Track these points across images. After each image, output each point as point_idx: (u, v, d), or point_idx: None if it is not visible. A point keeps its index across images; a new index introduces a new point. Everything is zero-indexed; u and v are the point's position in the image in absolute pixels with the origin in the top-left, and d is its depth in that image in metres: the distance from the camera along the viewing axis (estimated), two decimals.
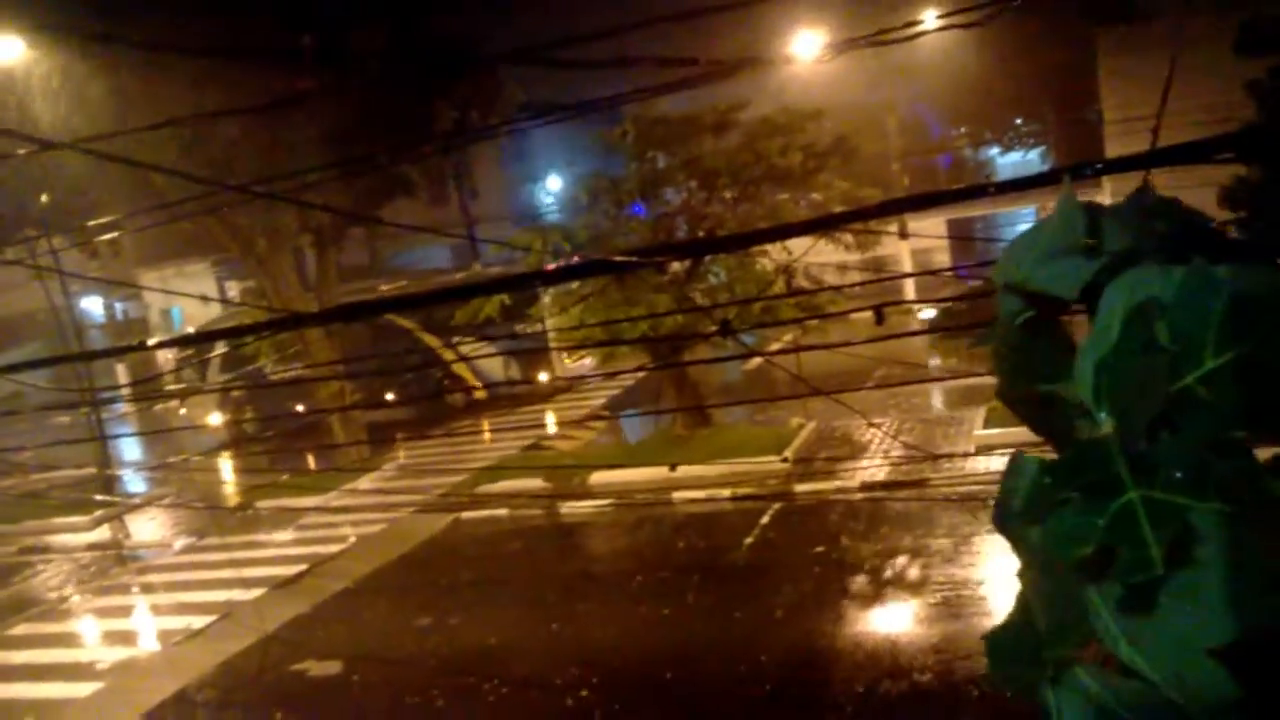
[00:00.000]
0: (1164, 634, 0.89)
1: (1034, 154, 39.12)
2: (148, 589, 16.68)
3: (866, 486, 15.09)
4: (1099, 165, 5.71)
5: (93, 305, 44.85)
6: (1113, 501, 0.88)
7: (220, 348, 22.40)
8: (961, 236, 25.80)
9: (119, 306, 46.71)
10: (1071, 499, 0.90)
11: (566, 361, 25.17)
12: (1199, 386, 0.89)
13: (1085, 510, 0.89)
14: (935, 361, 21.21)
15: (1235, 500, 0.86)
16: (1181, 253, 0.99)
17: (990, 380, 1.16)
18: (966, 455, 15.29)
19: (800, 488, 15.46)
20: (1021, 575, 1.05)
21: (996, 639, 1.10)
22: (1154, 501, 0.87)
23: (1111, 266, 1.02)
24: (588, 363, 25.77)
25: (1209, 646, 0.88)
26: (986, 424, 16.48)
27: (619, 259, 3.83)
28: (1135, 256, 1.01)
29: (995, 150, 40.85)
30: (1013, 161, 39.35)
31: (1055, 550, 0.92)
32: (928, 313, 22.24)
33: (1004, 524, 1.03)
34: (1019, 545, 1.01)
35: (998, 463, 14.69)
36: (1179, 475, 0.87)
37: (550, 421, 23.34)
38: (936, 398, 19.47)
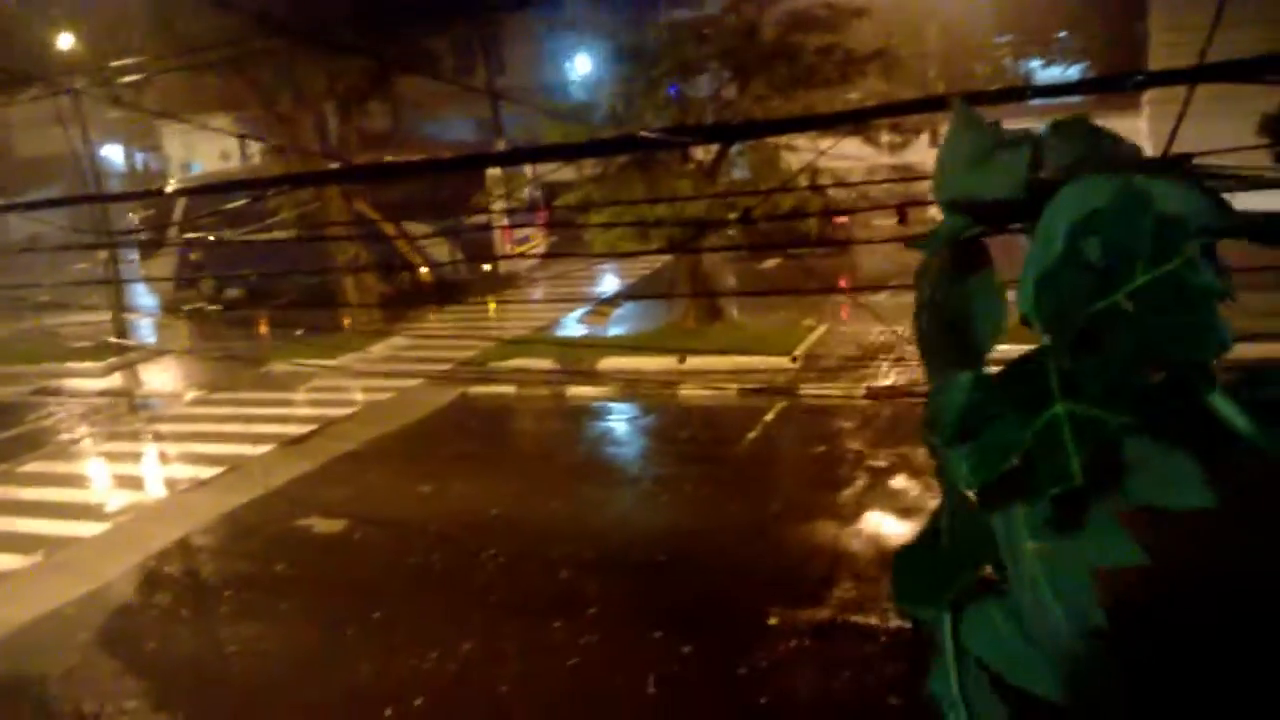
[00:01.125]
0: (1068, 556, 0.94)
1: (1075, 69, 38.22)
2: (157, 437, 16.99)
3: (873, 391, 15.16)
4: (1140, 78, 5.60)
5: (113, 153, 44.59)
6: (1040, 415, 0.91)
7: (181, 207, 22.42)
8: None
9: (139, 156, 46.43)
10: (1002, 414, 0.94)
11: (511, 248, 25.22)
12: (1126, 302, 0.91)
13: (1015, 424, 0.92)
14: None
15: (1147, 416, 0.89)
16: (1120, 171, 1.00)
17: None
18: None
19: (806, 388, 15.54)
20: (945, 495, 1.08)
21: (904, 560, 1.11)
22: (1077, 415, 0.91)
23: (1054, 181, 1.02)
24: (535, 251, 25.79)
25: (1093, 567, 0.93)
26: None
27: (645, 135, 3.78)
28: (1080, 170, 1.01)
29: (1036, 63, 39.91)
30: (1053, 75, 38.45)
31: (983, 464, 0.95)
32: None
33: (932, 442, 1.06)
34: (943, 465, 1.04)
35: None
36: (1099, 390, 0.90)
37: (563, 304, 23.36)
38: None
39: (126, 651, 9.54)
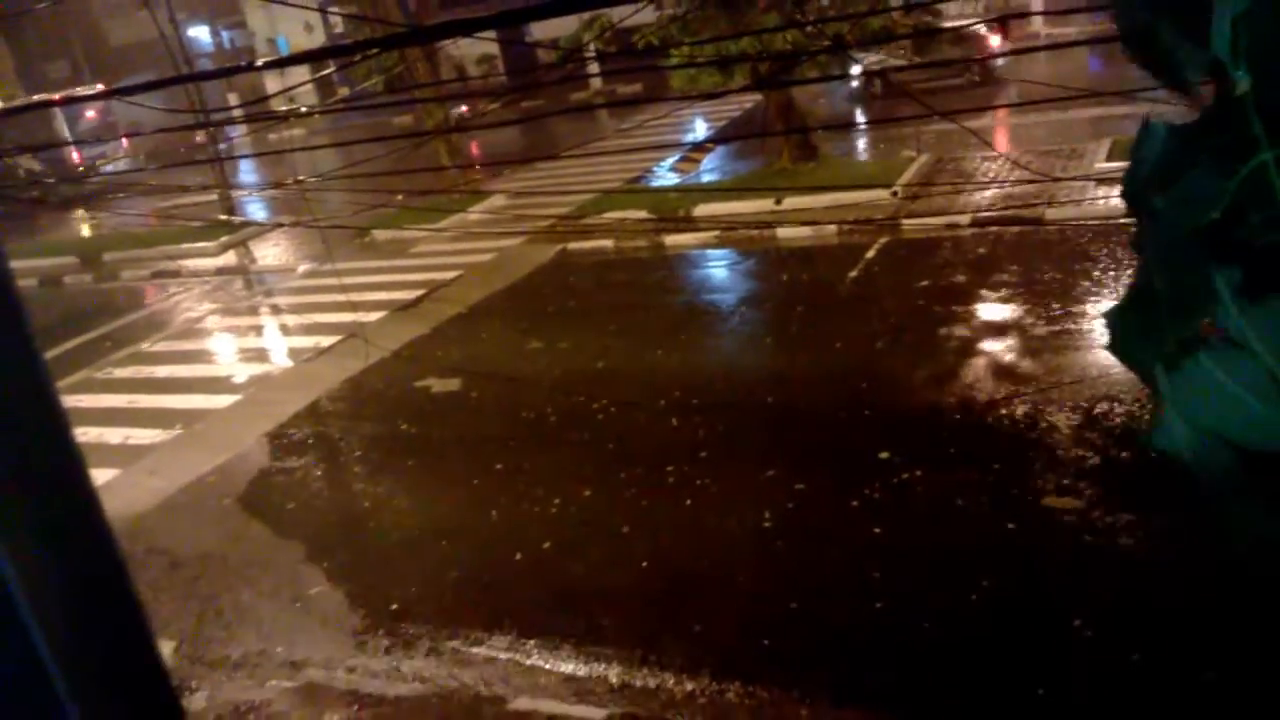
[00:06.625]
0: (1274, 314, 0.92)
1: None
2: (275, 310, 17.60)
3: (979, 219, 14.80)
4: None
5: (200, 34, 44.86)
6: (1244, 164, 0.88)
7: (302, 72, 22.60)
8: None
9: (225, 35, 46.68)
10: (1202, 163, 0.90)
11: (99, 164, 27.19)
12: None
13: (1215, 173, 0.89)
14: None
15: None
16: None
17: (1117, 111, 1.13)
18: (1085, 179, 14.73)
19: (908, 221, 15.23)
20: (1143, 249, 1.07)
21: (1117, 316, 1.13)
22: None
23: None
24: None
25: None
26: (1109, 157, 15.84)
27: None
28: None
29: None
30: None
31: (1183, 216, 0.93)
32: None
33: (1132, 193, 1.05)
34: (1144, 217, 1.03)
35: (1118, 196, 14.21)
36: None
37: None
38: (1058, 130, 18.63)
39: (268, 513, 10.12)
